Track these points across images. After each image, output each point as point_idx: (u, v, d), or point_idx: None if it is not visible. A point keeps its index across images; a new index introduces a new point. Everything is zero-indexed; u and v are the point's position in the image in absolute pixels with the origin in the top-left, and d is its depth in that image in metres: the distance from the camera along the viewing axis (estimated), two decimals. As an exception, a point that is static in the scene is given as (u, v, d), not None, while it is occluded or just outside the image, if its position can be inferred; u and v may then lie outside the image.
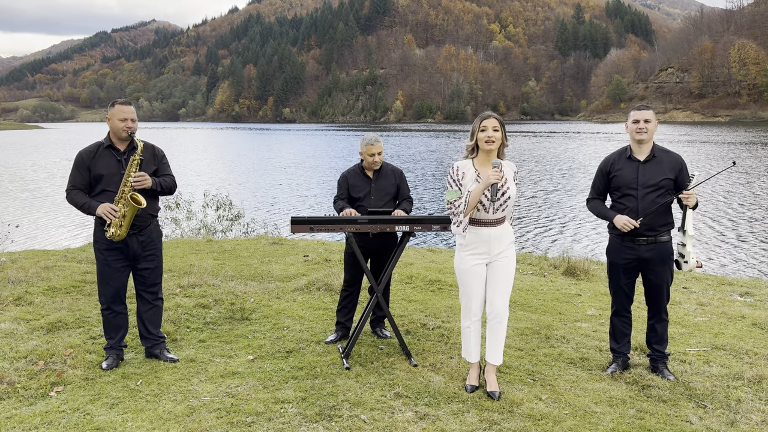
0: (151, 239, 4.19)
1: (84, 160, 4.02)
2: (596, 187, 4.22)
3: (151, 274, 4.24)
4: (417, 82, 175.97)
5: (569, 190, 22.89)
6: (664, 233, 3.99)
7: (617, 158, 4.11)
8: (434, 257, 8.61)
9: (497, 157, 3.69)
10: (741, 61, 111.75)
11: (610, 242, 4.21)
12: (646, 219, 3.92)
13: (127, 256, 4.12)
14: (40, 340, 4.57)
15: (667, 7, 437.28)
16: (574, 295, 6.46)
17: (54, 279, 6.53)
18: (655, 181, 3.94)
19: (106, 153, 4.05)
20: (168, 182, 4.24)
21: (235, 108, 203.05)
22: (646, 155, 4.00)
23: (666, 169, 3.95)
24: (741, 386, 3.94)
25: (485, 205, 3.63)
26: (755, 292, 6.82)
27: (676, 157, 4.02)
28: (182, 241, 10.30)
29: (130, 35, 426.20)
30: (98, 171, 4.01)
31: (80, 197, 4.00)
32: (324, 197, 21.95)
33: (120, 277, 4.14)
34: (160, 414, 3.46)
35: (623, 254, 4.07)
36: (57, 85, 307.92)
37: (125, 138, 4.05)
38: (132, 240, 4.09)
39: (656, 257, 3.99)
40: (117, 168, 4.04)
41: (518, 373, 4.13)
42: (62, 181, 26.64)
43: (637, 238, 3.99)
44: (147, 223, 4.15)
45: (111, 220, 3.92)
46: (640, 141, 3.98)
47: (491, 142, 3.59)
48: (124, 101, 4.09)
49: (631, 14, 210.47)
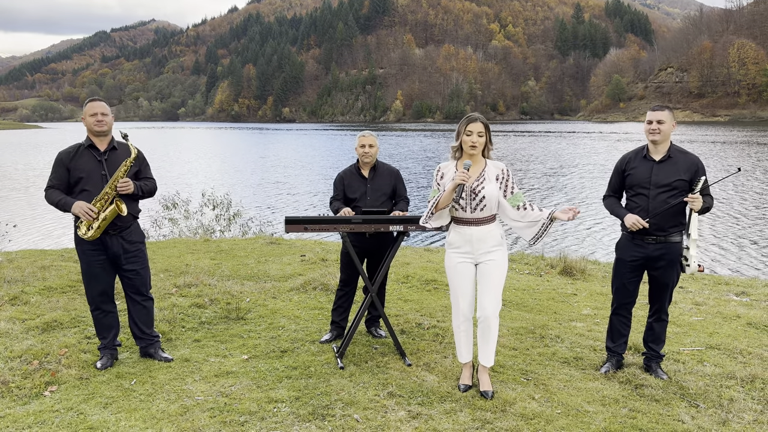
0: (132, 240, 4.16)
1: (63, 160, 4.02)
2: (612, 185, 4.24)
3: (137, 276, 4.22)
4: (416, 81, 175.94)
5: (564, 188, 22.90)
6: (675, 234, 3.97)
7: (633, 157, 4.11)
8: (431, 257, 8.62)
9: (483, 156, 3.78)
10: (740, 60, 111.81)
11: (620, 239, 4.21)
12: (655, 219, 3.91)
13: (108, 256, 4.10)
14: (35, 340, 4.57)
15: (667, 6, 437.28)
16: (570, 295, 6.47)
17: (50, 279, 6.54)
18: (669, 181, 3.92)
19: (86, 153, 4.05)
20: (149, 186, 4.25)
21: (234, 108, 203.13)
22: (662, 155, 3.99)
23: (681, 170, 3.92)
24: (734, 385, 3.95)
25: (461, 205, 3.70)
26: (751, 292, 6.83)
27: (693, 159, 3.98)
28: (179, 240, 10.31)
29: (130, 35, 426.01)
30: (78, 172, 4.00)
31: (56, 194, 3.99)
32: (324, 197, 21.95)
33: (104, 278, 4.13)
34: (154, 413, 3.46)
35: (631, 251, 4.06)
36: (56, 85, 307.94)
37: (98, 132, 4.03)
38: (112, 241, 4.07)
39: (664, 257, 3.97)
40: (97, 168, 4.03)
41: (512, 373, 4.14)
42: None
43: (647, 237, 3.99)
44: (128, 224, 4.14)
45: (85, 219, 3.91)
46: (654, 141, 3.98)
47: (474, 147, 3.67)
48: (95, 98, 4.12)
49: (631, 14, 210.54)
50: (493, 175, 3.74)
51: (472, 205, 3.70)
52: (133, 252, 4.17)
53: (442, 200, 3.68)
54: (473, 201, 3.69)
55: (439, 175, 3.81)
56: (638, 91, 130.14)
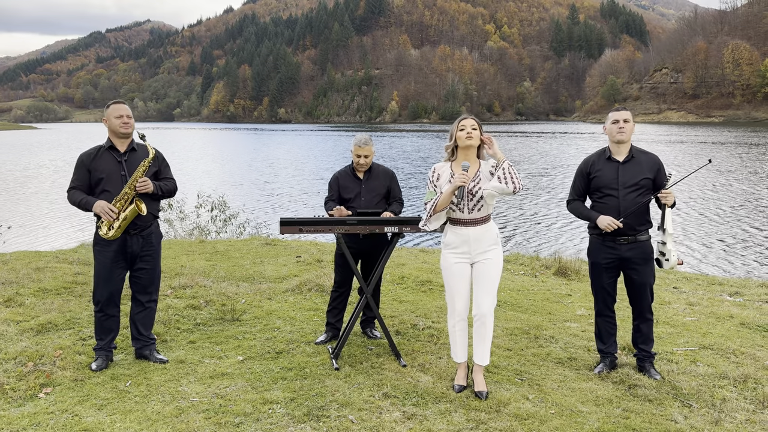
0: (150, 241, 4.23)
1: (84, 162, 4.10)
2: (576, 189, 4.26)
3: (146, 275, 4.26)
4: (412, 82, 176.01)
5: (558, 189, 22.96)
6: (643, 232, 4.06)
7: (596, 159, 4.16)
8: (426, 258, 8.63)
9: (477, 157, 3.80)
10: (735, 61, 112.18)
11: (591, 242, 4.25)
12: (627, 219, 3.97)
13: (126, 257, 4.15)
14: (29, 342, 4.56)
15: (662, 7, 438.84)
16: (565, 295, 6.50)
17: (45, 280, 6.52)
18: (635, 180, 4.00)
19: (107, 155, 4.12)
20: (169, 186, 4.32)
21: (230, 108, 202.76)
22: (624, 156, 4.07)
23: (645, 169, 4.02)
24: (726, 385, 3.97)
25: (459, 206, 3.71)
26: (744, 292, 6.87)
27: (654, 158, 4.09)
28: (175, 241, 10.30)
29: (125, 35, 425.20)
30: (99, 173, 4.08)
31: (78, 195, 4.08)
32: (319, 198, 21.94)
33: (117, 280, 4.17)
34: (149, 415, 3.47)
35: (604, 254, 4.11)
36: (51, 86, 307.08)
37: (123, 134, 4.12)
38: (133, 240, 4.14)
39: (637, 256, 4.04)
40: (117, 169, 4.10)
41: (506, 373, 4.15)
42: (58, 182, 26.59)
43: (619, 238, 4.04)
44: (149, 223, 4.21)
45: (106, 219, 3.97)
46: (620, 141, 4.03)
47: (470, 137, 3.68)
48: (119, 101, 4.23)
49: (626, 15, 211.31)
50: (488, 173, 3.76)
51: (470, 206, 3.72)
52: (149, 252, 4.22)
53: (441, 202, 3.69)
54: (471, 202, 3.71)
55: (435, 176, 3.82)
56: (633, 91, 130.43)
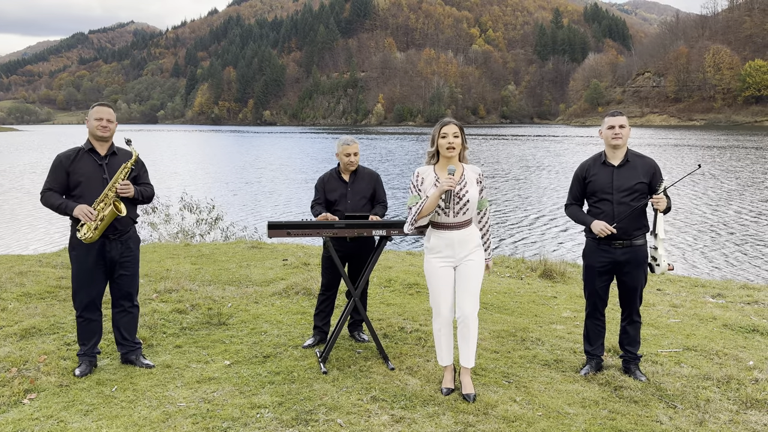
0: (129, 246, 4.17)
1: (62, 163, 4.00)
2: (573, 193, 4.29)
3: (127, 281, 4.21)
4: (398, 85, 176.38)
5: (545, 192, 23.11)
6: (639, 237, 4.07)
7: (592, 164, 4.19)
8: (413, 260, 8.65)
9: (459, 161, 3.79)
10: (716, 65, 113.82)
11: (586, 245, 4.29)
12: (621, 223, 4.00)
13: (106, 261, 4.09)
14: (13, 347, 4.51)
15: (644, 12, 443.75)
16: (550, 298, 6.54)
17: (28, 284, 6.44)
18: (630, 185, 4.02)
19: (87, 157, 4.04)
20: (148, 191, 4.27)
21: (214, 110, 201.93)
22: (620, 160, 4.09)
23: (640, 174, 4.04)
24: (710, 386, 4.02)
25: (445, 210, 3.71)
26: (726, 294, 6.97)
27: (650, 162, 4.10)
28: (159, 245, 10.22)
29: (108, 36, 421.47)
30: (78, 176, 3.99)
31: (55, 198, 3.97)
32: (305, 200, 21.89)
33: (97, 284, 4.11)
34: (135, 420, 3.44)
35: (599, 257, 4.14)
36: (33, 87, 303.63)
37: (100, 137, 4.04)
38: (112, 245, 4.07)
39: (631, 260, 4.07)
40: (98, 172, 4.03)
41: (493, 375, 4.18)
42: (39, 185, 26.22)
43: (613, 242, 4.07)
44: (128, 228, 4.16)
45: (85, 221, 3.90)
46: (615, 146, 4.06)
47: (452, 149, 3.68)
48: (103, 103, 4.14)
49: (609, 19, 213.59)
50: (474, 179, 3.78)
51: (455, 210, 3.73)
52: (129, 257, 4.17)
53: (427, 207, 3.67)
54: (456, 205, 3.72)
55: (419, 180, 3.76)
56: (616, 95, 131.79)
